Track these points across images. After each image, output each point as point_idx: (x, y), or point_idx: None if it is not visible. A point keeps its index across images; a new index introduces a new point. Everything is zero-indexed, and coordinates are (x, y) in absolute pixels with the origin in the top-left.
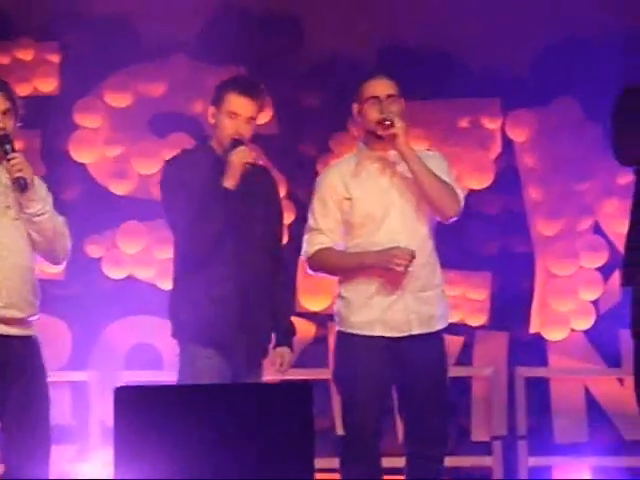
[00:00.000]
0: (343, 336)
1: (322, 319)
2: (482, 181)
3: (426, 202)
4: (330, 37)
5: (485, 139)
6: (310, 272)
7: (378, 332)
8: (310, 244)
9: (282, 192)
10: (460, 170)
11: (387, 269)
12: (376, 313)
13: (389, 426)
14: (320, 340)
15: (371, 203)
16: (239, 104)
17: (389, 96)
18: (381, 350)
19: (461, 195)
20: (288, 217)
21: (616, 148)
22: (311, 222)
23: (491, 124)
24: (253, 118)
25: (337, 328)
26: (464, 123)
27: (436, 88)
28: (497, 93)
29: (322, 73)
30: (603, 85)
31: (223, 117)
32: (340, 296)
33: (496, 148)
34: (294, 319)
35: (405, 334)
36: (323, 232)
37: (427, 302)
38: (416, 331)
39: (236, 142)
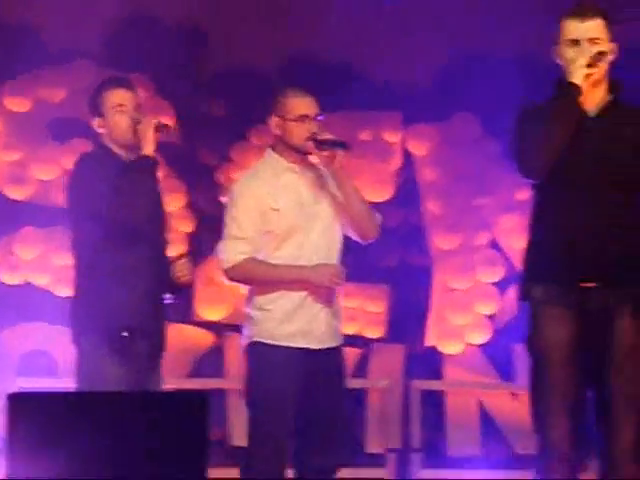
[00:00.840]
0: (261, 348)
1: (218, 328)
2: (382, 194)
3: (349, 222)
4: (233, 47)
5: (386, 152)
6: (226, 281)
7: (300, 344)
8: (231, 252)
9: (182, 201)
10: (360, 183)
11: (318, 285)
12: (299, 325)
13: None
14: (216, 350)
15: (294, 215)
16: (122, 97)
17: (316, 115)
18: (299, 362)
19: (379, 218)
20: (187, 226)
21: (519, 161)
22: (232, 230)
23: (392, 137)
24: (139, 105)
25: (253, 339)
26: (365, 136)
27: (337, 100)
28: (398, 107)
29: (224, 83)
30: (502, 102)
31: (112, 113)
32: (259, 308)
33: (396, 161)
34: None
35: (324, 346)
36: (244, 241)
37: (336, 316)
38: (330, 344)
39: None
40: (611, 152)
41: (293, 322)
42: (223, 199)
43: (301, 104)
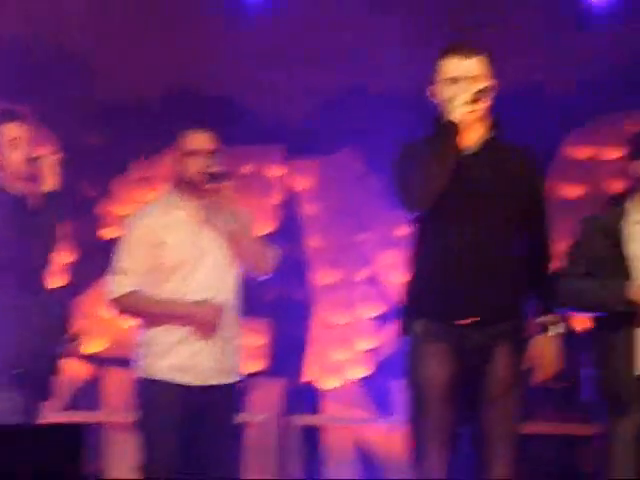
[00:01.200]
0: (145, 382)
1: (97, 361)
2: (264, 228)
3: (241, 258)
4: (118, 78)
5: (268, 186)
6: (113, 313)
7: (180, 380)
8: (118, 285)
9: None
10: None
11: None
12: (180, 360)
13: None
14: (94, 382)
15: (185, 249)
16: (14, 131)
17: (212, 150)
18: (182, 398)
19: (276, 253)
20: (67, 257)
21: (401, 196)
22: (120, 263)
23: (274, 172)
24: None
25: (138, 374)
26: (247, 170)
27: (220, 133)
28: (281, 141)
29: (107, 114)
30: (383, 138)
31: (6, 148)
32: (143, 342)
33: (278, 196)
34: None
35: (206, 384)
36: (132, 274)
37: (229, 354)
38: (216, 381)
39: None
40: (490, 190)
41: (172, 357)
42: (103, 231)
43: (194, 139)
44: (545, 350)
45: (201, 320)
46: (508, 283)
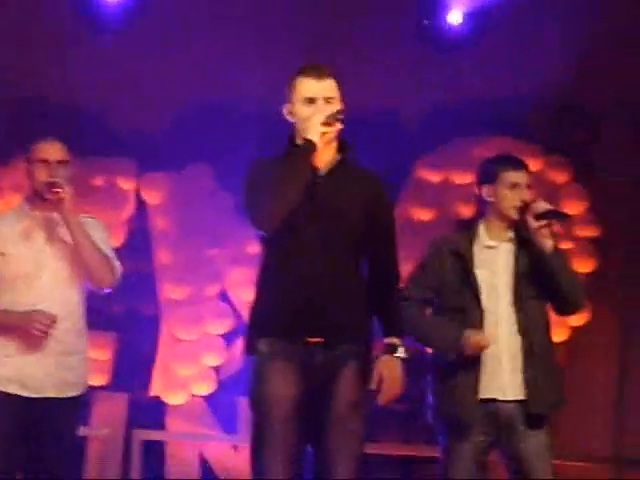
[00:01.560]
0: None
1: None
2: (113, 241)
3: (82, 269)
4: None
5: (118, 199)
6: None
7: (13, 390)
8: None
9: None
10: None
11: (26, 331)
12: (12, 371)
13: None
14: None
15: (24, 262)
16: None
17: (59, 161)
18: (17, 409)
19: (118, 266)
20: None
21: (251, 214)
22: None
23: (125, 184)
24: None
25: None
26: (98, 182)
27: (71, 145)
28: (133, 154)
29: None
30: (236, 155)
31: None
32: None
33: (129, 209)
34: None
35: (41, 396)
36: None
37: (67, 367)
38: (54, 394)
39: None
40: (338, 210)
41: (7, 368)
42: None
43: (43, 149)
44: (390, 371)
45: (32, 329)
46: (354, 304)
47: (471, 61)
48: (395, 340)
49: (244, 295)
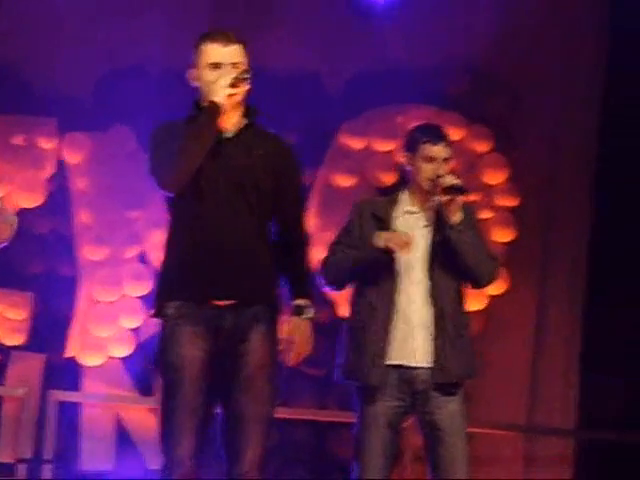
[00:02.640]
0: None
1: None
2: (33, 200)
3: None
4: None
5: (39, 158)
6: None
7: None
8: None
9: None
10: (11, 188)
11: None
12: None
13: None
14: None
15: None
16: None
17: None
18: None
19: (14, 220)
20: None
21: (157, 175)
22: None
23: (46, 144)
24: None
25: None
26: (18, 140)
27: None
28: (55, 113)
29: None
30: (157, 117)
31: None
32: None
33: (50, 168)
34: None
35: None
36: None
37: None
38: None
39: None
40: (245, 171)
41: None
42: None
43: None
44: (299, 332)
45: None
46: (262, 266)
47: (394, 30)
48: (303, 301)
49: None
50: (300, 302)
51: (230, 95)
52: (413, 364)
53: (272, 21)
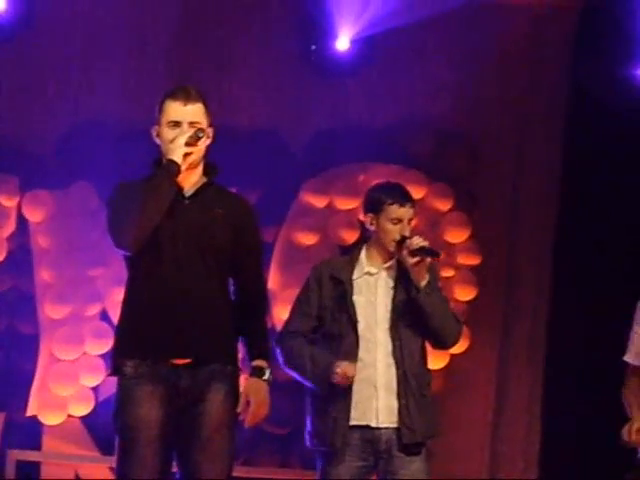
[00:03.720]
0: None
1: None
2: None
3: None
4: None
5: (0, 216)
6: None
7: None
8: None
9: None
10: None
11: None
12: None
13: None
14: None
15: None
16: None
17: None
18: None
19: None
20: None
21: (113, 234)
22: None
23: (7, 202)
24: None
25: None
26: None
27: None
28: (16, 171)
29: None
30: (119, 174)
31: None
32: None
33: (11, 226)
34: None
35: None
36: None
37: None
38: None
39: None
40: (203, 231)
41: None
42: None
43: None
44: (256, 394)
45: None
46: (220, 325)
47: (356, 87)
48: (261, 362)
49: None
50: (258, 363)
51: (186, 154)
52: (377, 424)
53: (232, 77)
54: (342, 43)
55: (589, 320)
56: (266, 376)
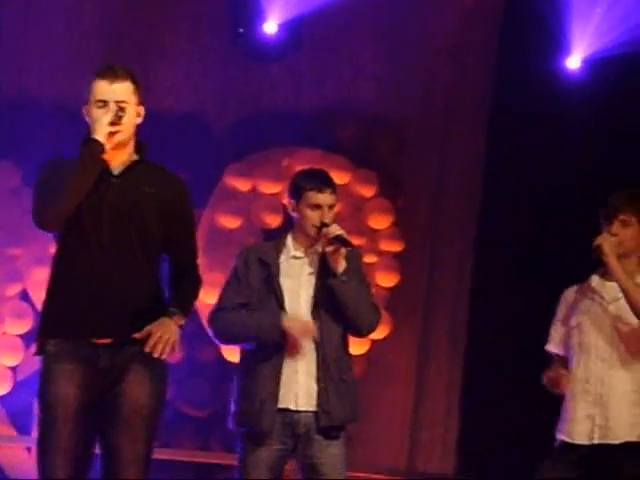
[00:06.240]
0: None
1: None
2: None
3: None
4: None
5: None
6: None
7: None
8: None
9: None
10: None
11: None
12: None
13: None
14: None
15: None
16: None
17: None
18: None
19: None
20: None
21: (35, 212)
22: None
23: None
24: None
25: None
26: None
27: None
28: None
29: None
30: (42, 153)
31: None
32: None
33: None
34: None
35: None
36: None
37: None
38: None
39: None
40: (131, 210)
41: None
42: None
43: None
44: (162, 327)
45: None
46: (144, 305)
47: (282, 72)
48: (175, 310)
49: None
50: (174, 309)
51: (112, 133)
52: (296, 407)
53: (158, 59)
54: (269, 27)
55: (510, 308)
56: (175, 317)
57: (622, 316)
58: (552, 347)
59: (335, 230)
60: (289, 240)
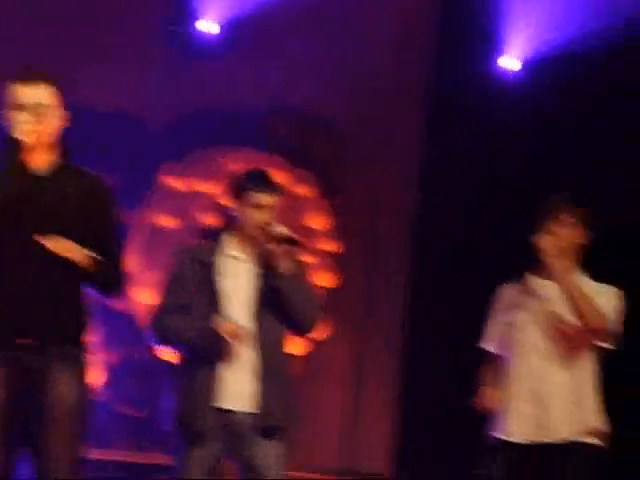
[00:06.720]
0: None
1: None
2: None
3: None
4: None
5: None
6: None
7: None
8: None
9: None
10: None
11: None
12: None
13: None
14: None
15: None
16: None
17: None
18: None
19: None
20: None
21: None
22: None
23: None
24: None
25: None
26: None
27: None
28: None
29: None
30: None
31: None
32: None
33: None
34: None
35: None
36: None
37: None
38: None
39: None
40: (53, 211)
41: None
42: None
43: None
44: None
45: None
46: (65, 305)
47: (220, 71)
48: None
49: None
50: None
51: (31, 134)
52: (234, 408)
53: (93, 57)
54: (207, 26)
55: (448, 307)
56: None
57: (561, 314)
58: (486, 344)
59: (281, 229)
60: (227, 240)
